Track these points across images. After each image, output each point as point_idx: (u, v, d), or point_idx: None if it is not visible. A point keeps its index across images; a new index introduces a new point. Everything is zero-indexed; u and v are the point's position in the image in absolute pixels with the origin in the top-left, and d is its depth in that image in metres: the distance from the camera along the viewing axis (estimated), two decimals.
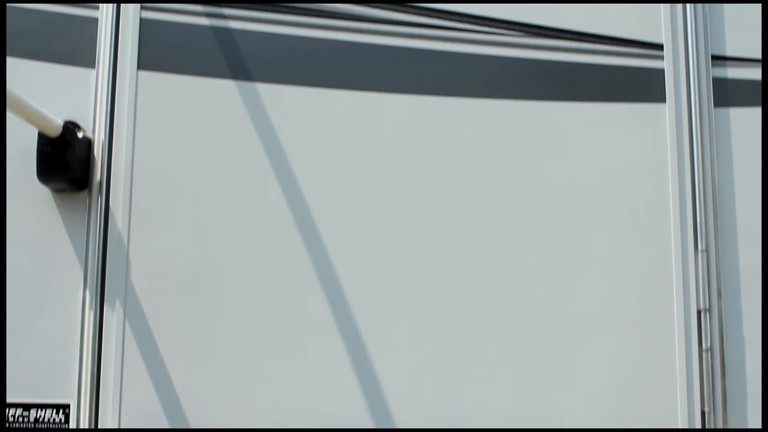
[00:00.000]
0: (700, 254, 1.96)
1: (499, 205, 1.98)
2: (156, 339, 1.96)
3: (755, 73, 2.02)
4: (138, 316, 1.97)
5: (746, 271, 1.97)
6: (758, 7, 2.02)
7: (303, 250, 1.97)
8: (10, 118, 1.92)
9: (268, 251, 1.98)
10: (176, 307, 1.96)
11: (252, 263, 1.97)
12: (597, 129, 1.99)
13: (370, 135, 2.00)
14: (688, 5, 2.02)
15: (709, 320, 1.94)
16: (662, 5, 2.04)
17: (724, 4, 2.05)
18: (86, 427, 1.93)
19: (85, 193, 2.02)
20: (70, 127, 2.00)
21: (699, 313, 1.94)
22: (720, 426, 1.89)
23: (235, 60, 2.04)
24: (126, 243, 1.99)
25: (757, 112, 2.00)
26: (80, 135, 2.01)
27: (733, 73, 2.03)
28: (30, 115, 1.84)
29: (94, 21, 2.07)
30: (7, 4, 2.07)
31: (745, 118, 2.01)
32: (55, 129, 1.96)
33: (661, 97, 2.01)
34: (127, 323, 1.96)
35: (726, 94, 2.02)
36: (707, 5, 2.04)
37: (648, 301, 1.94)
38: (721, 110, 2.02)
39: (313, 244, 1.97)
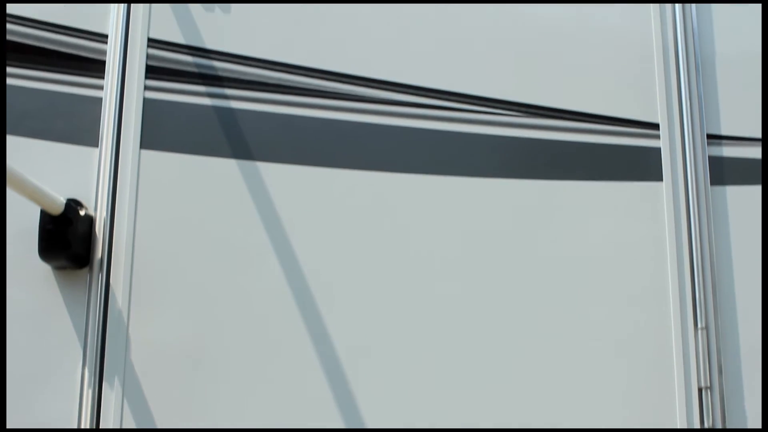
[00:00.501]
0: (700, 332, 2.01)
1: (499, 283, 2.03)
2: (154, 418, 2.00)
3: (750, 152, 2.09)
4: (137, 394, 2.01)
5: (747, 347, 2.01)
6: (750, 84, 2.10)
7: (303, 328, 2.02)
8: (12, 195, 1.99)
9: (268, 329, 2.03)
10: (175, 386, 2.00)
11: (252, 341, 2.02)
12: (595, 208, 2.05)
13: (370, 214, 2.07)
14: (682, 84, 2.10)
15: (710, 398, 1.98)
16: (657, 84, 2.12)
17: (719, 85, 2.13)
18: None
19: (85, 270, 2.08)
20: (72, 205, 2.07)
21: (700, 391, 1.98)
22: None
23: (236, 139, 2.11)
24: (126, 320, 2.04)
25: (753, 190, 2.07)
26: (82, 212, 2.07)
27: (729, 151, 2.11)
28: (32, 193, 1.91)
29: (98, 101, 2.15)
30: (13, 85, 2.15)
31: (742, 196, 2.07)
32: (57, 207, 2.02)
33: (658, 176, 2.08)
34: (125, 401, 2.00)
35: (722, 172, 2.09)
36: (701, 85, 2.11)
37: (648, 380, 1.98)
38: (718, 188, 2.08)
39: (312, 322, 2.02)
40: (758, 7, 2.16)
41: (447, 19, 2.17)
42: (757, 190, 2.06)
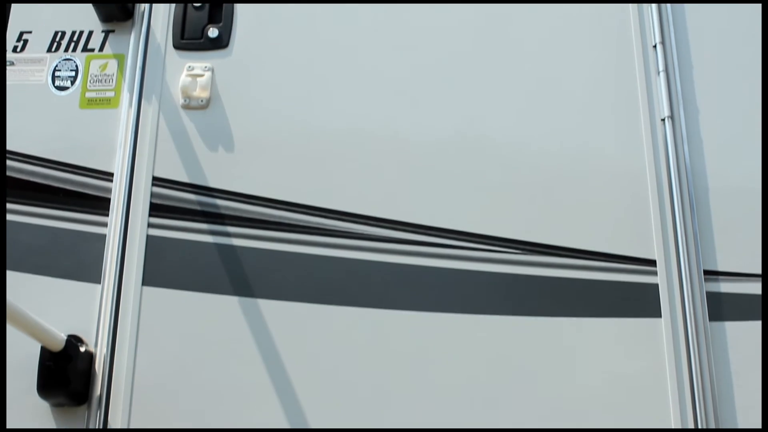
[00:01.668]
0: None
1: (501, 416, 2.14)
2: None
3: (748, 287, 2.23)
4: None
5: None
6: (745, 219, 2.26)
7: None
8: (12, 331, 2.12)
9: None
10: None
11: None
12: (595, 344, 2.17)
13: (370, 350, 2.19)
14: (677, 220, 2.26)
15: None
16: (652, 220, 2.27)
17: (713, 221, 2.28)
18: None
19: (84, 407, 2.19)
20: (73, 341, 2.19)
21: None
22: None
23: (237, 276, 2.25)
24: None
25: (752, 325, 2.20)
26: (82, 349, 2.19)
27: (726, 287, 2.24)
28: (33, 330, 2.03)
29: (102, 237, 2.31)
30: (18, 221, 2.32)
31: (742, 332, 2.20)
32: (57, 344, 2.14)
33: (656, 312, 2.21)
34: None
35: (720, 308, 2.22)
36: (696, 220, 2.27)
37: None
38: (717, 324, 2.21)
39: None
40: (755, 141, 2.33)
41: (448, 161, 2.33)
42: (756, 325, 2.18)
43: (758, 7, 2.43)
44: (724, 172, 2.30)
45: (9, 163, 2.37)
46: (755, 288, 2.18)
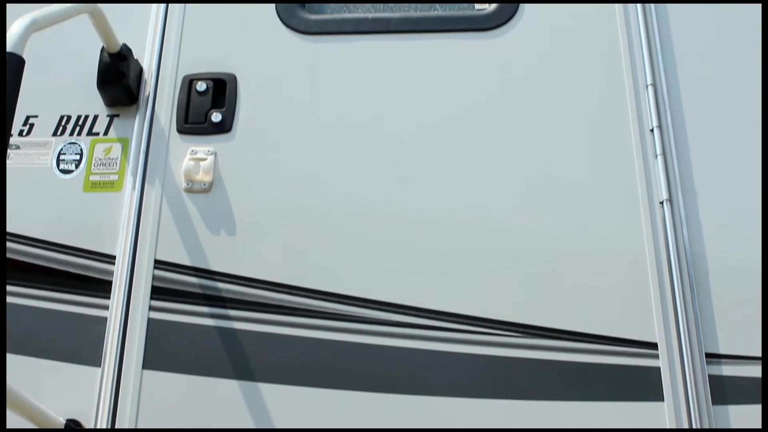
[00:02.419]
0: None
1: None
2: None
3: (750, 371, 2.28)
4: None
5: None
6: (745, 301, 2.32)
7: None
8: (11, 415, 2.15)
9: None
10: None
11: None
12: (597, 427, 2.22)
13: None
14: (678, 302, 2.32)
15: None
16: (653, 302, 2.33)
17: (714, 302, 2.34)
18: None
19: None
20: (72, 426, 2.24)
21: None
22: None
23: (238, 360, 2.30)
24: None
25: (756, 409, 2.24)
26: None
27: (729, 370, 2.29)
28: (31, 414, 2.07)
29: (103, 320, 2.37)
30: (20, 304, 2.38)
31: (745, 416, 2.24)
32: (56, 427, 2.19)
33: (659, 396, 2.25)
34: None
35: (723, 391, 2.26)
36: (696, 303, 2.33)
37: None
38: (720, 408, 2.25)
39: None
40: (753, 222, 2.41)
41: (451, 243, 2.40)
42: (759, 409, 2.23)
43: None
44: (724, 254, 2.36)
45: (11, 245, 2.43)
46: (757, 371, 2.22)
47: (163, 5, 2.72)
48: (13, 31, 1.90)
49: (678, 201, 2.40)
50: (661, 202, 2.39)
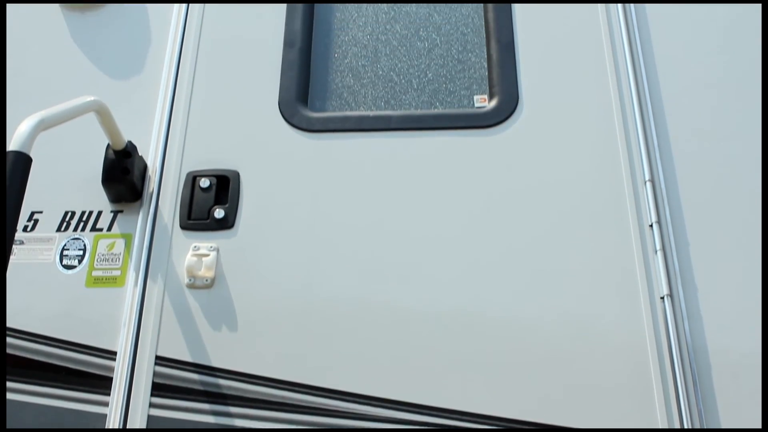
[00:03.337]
0: None
1: None
2: None
3: None
4: None
5: None
6: (746, 382, 2.36)
7: None
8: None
9: None
10: None
11: None
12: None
13: None
14: (680, 391, 2.36)
15: None
16: (654, 392, 2.38)
17: (717, 397, 2.39)
18: None
19: None
20: None
21: None
22: None
23: None
24: None
25: None
26: None
27: None
28: None
29: (103, 417, 2.41)
30: (19, 401, 2.44)
31: None
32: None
33: None
34: None
35: None
36: (699, 391, 2.37)
37: None
38: None
39: None
40: (754, 317, 2.47)
41: (449, 339, 2.46)
42: None
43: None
44: (725, 349, 2.41)
45: (12, 341, 2.49)
46: None
47: (168, 101, 2.83)
48: (21, 131, 2.00)
49: (679, 296, 2.47)
50: (662, 297, 2.45)
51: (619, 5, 2.88)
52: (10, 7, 3.00)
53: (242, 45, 2.92)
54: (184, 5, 2.99)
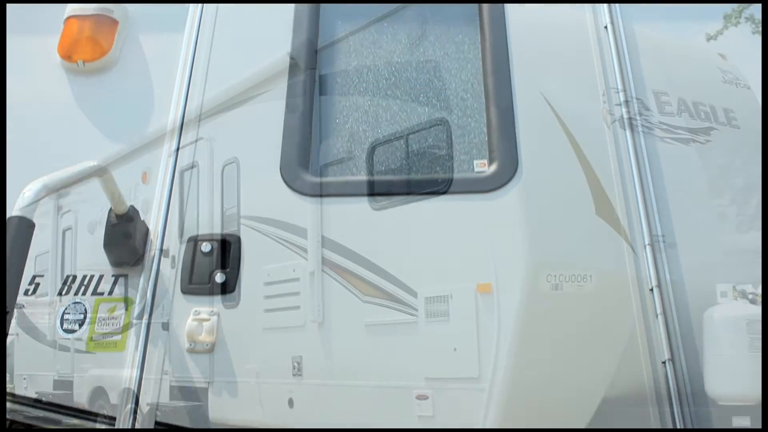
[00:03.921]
0: None
1: None
2: None
3: None
4: None
5: None
6: None
7: None
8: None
9: None
10: None
11: None
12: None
13: None
14: None
15: None
16: None
17: None
18: None
19: None
20: None
21: None
22: None
23: None
24: None
25: None
26: None
27: None
28: None
29: None
30: None
31: None
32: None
33: None
34: None
35: None
36: None
37: None
38: None
39: None
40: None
41: None
42: None
43: None
44: None
45: (10, 406, 2.50)
46: None
47: (170, 166, 2.87)
48: (25, 196, 2.04)
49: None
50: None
51: None
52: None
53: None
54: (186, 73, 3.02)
